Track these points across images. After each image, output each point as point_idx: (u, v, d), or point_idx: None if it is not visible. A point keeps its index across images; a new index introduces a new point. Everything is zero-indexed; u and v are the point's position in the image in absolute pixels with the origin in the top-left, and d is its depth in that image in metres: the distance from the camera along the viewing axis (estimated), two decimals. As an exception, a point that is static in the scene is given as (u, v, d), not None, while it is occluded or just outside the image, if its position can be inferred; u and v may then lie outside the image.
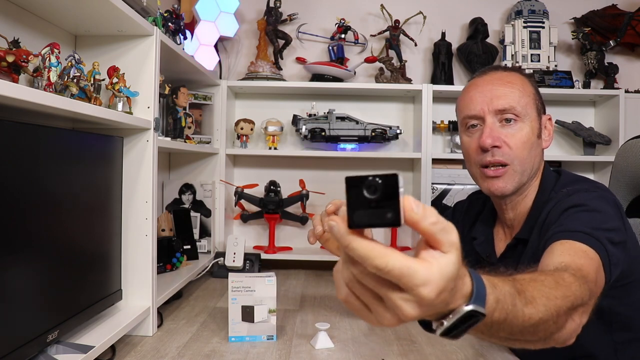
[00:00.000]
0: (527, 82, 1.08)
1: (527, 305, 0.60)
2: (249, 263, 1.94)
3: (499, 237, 1.17)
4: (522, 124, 1.04)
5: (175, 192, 2.03)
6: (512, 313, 0.58)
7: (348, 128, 2.11)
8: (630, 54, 2.31)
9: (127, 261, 1.24)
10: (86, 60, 1.06)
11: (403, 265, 0.43)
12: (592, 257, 0.81)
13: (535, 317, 0.60)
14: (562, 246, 0.84)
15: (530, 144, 1.04)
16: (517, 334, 0.61)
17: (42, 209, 0.89)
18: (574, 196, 0.97)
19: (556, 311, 0.63)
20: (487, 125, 1.05)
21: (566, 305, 0.65)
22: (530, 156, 1.05)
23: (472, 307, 0.51)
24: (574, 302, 0.67)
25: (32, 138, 0.86)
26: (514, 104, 1.04)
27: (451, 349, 1.15)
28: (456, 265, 0.47)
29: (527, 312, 0.59)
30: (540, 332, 0.63)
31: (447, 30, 2.26)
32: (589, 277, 0.74)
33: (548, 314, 0.62)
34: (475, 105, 1.07)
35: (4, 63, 0.79)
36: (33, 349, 0.86)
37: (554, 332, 0.65)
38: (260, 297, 1.17)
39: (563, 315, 0.65)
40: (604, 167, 2.17)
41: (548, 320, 0.62)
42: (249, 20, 2.30)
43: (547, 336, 0.65)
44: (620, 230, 0.91)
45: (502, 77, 1.08)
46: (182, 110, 1.63)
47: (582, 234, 0.85)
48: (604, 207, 0.93)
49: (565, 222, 0.90)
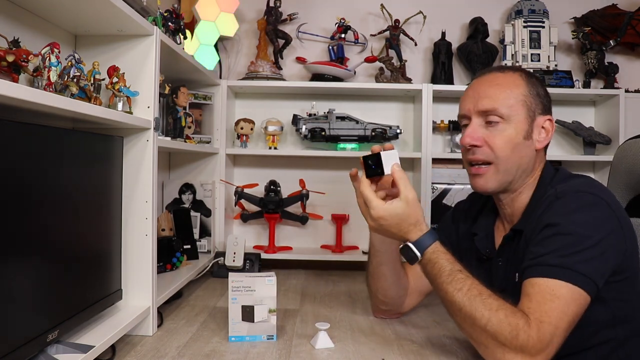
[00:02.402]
0: (522, 84, 1.09)
1: (450, 285, 0.98)
2: (249, 263, 1.94)
3: (499, 232, 1.19)
4: (505, 125, 1.07)
5: (175, 192, 2.03)
6: (438, 277, 1.01)
7: (348, 128, 2.11)
8: (630, 53, 2.31)
9: (127, 261, 1.24)
10: (86, 60, 1.06)
11: (370, 196, 1.06)
12: (560, 295, 0.90)
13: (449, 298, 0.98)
14: (532, 289, 0.93)
15: (514, 144, 1.07)
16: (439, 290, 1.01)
17: (42, 208, 0.89)
18: (559, 203, 0.99)
19: (460, 308, 0.96)
20: (470, 125, 1.10)
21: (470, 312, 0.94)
22: (515, 156, 1.07)
23: (410, 244, 1.05)
24: (481, 322, 0.93)
25: (32, 138, 0.86)
26: (497, 105, 1.06)
27: (451, 349, 1.15)
28: (400, 210, 1.04)
29: (448, 289, 0.98)
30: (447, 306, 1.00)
31: (447, 30, 2.26)
32: (546, 321, 0.88)
33: (458, 303, 0.96)
34: (465, 105, 1.12)
35: (4, 63, 0.79)
36: (33, 349, 0.86)
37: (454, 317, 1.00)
38: (260, 296, 1.17)
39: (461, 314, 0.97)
40: (604, 166, 2.16)
41: (454, 306, 0.98)
42: (249, 20, 2.30)
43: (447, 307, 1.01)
44: (601, 240, 0.94)
45: (493, 78, 1.11)
46: (182, 110, 1.63)
47: (553, 268, 0.92)
48: (582, 221, 0.96)
49: (540, 247, 0.97)
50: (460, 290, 0.96)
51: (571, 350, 0.96)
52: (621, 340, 1.00)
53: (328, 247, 2.21)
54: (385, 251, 1.26)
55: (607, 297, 0.96)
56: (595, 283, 0.92)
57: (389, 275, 1.28)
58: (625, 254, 0.98)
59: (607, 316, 0.99)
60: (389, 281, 1.29)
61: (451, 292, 0.98)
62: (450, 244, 1.30)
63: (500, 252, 1.14)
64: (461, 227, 1.28)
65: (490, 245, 1.18)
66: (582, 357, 1.00)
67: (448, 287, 0.98)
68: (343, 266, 2.10)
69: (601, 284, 0.93)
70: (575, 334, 0.92)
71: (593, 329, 0.98)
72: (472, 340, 0.98)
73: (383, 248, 1.26)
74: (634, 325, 1.02)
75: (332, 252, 2.14)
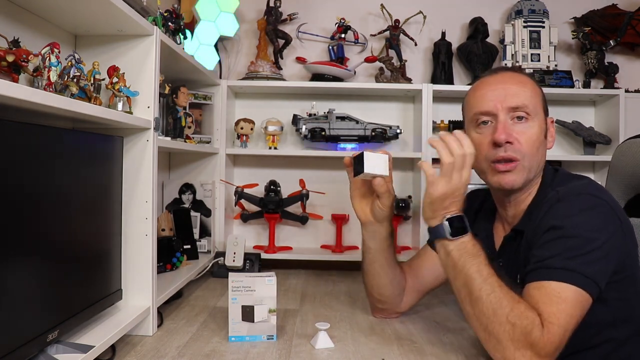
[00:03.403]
0: (535, 84, 1.12)
1: (481, 271, 0.97)
2: (249, 263, 1.94)
3: (499, 233, 1.19)
4: (532, 123, 1.07)
5: (175, 192, 2.03)
6: (464, 267, 0.99)
7: (348, 128, 2.10)
8: (630, 53, 2.31)
9: (127, 261, 1.24)
10: (86, 60, 1.06)
11: (431, 171, 1.11)
12: (566, 298, 0.90)
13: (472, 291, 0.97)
14: (538, 292, 0.93)
15: (539, 142, 1.08)
16: (458, 285, 1.01)
17: (42, 208, 0.89)
18: (561, 206, 0.99)
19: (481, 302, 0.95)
20: (500, 122, 1.07)
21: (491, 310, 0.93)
22: (538, 154, 1.08)
23: (446, 222, 1.03)
24: (500, 312, 0.92)
25: (32, 138, 0.86)
26: (527, 102, 1.07)
27: (451, 349, 1.15)
28: (445, 187, 1.05)
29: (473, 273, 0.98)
30: (462, 296, 1.00)
31: (447, 30, 2.26)
32: (555, 323, 0.89)
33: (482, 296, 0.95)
34: (488, 102, 1.09)
35: (4, 63, 0.79)
36: (33, 349, 0.86)
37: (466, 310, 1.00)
38: (260, 296, 1.17)
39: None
40: (604, 166, 2.16)
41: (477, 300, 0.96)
42: (249, 20, 2.30)
43: (463, 301, 1.00)
44: (605, 242, 0.94)
45: (514, 76, 1.12)
46: (182, 110, 1.63)
47: (558, 270, 0.92)
48: (585, 223, 0.96)
49: (544, 250, 0.97)
50: (493, 276, 0.97)
51: (572, 350, 0.95)
52: (622, 340, 1.01)
53: (328, 247, 2.21)
54: (377, 249, 1.26)
55: (608, 297, 0.97)
56: (598, 285, 0.92)
57: (383, 273, 1.28)
58: (625, 254, 0.99)
59: (608, 316, 0.99)
60: (384, 279, 1.29)
61: (486, 275, 0.97)
62: None
63: (501, 253, 1.14)
64: None
65: (491, 246, 1.18)
66: (583, 357, 1.01)
67: (485, 270, 0.97)
68: (343, 266, 2.10)
69: (603, 285, 0.93)
70: (577, 334, 0.92)
71: (594, 329, 0.99)
72: (485, 333, 0.95)
73: (374, 245, 1.26)
74: (635, 325, 1.02)
75: (332, 252, 2.14)
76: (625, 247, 0.98)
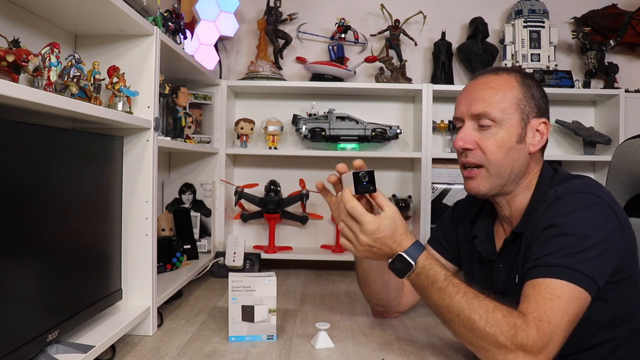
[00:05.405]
0: (515, 86, 1.08)
1: (447, 289, 0.97)
2: (249, 263, 1.94)
3: (499, 234, 1.18)
4: (497, 129, 1.06)
5: (175, 192, 2.03)
6: (434, 284, 0.98)
7: (348, 128, 2.11)
8: (630, 53, 2.31)
9: (127, 261, 1.24)
10: (86, 60, 1.06)
11: (362, 211, 1.02)
12: (560, 295, 0.90)
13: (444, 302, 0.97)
14: (533, 289, 0.93)
15: (507, 148, 1.06)
16: (431, 304, 1.01)
17: (42, 208, 0.89)
18: (560, 204, 1.00)
19: (457, 313, 0.94)
20: (462, 128, 1.10)
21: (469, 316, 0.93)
22: (507, 160, 1.07)
23: (403, 254, 1.01)
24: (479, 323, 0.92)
25: (32, 138, 0.86)
26: (489, 109, 1.06)
27: (451, 349, 1.15)
28: (390, 221, 1.01)
29: (441, 294, 0.97)
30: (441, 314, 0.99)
31: (447, 29, 2.26)
32: (546, 320, 0.89)
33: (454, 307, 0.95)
34: (459, 107, 1.12)
35: (4, 63, 0.79)
36: (33, 349, 0.86)
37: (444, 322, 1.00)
38: (260, 296, 1.17)
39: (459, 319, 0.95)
40: (604, 166, 2.16)
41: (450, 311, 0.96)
42: (249, 20, 2.30)
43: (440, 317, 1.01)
44: (602, 241, 0.94)
45: (487, 81, 1.10)
46: (182, 110, 1.63)
47: (554, 268, 0.93)
48: (583, 221, 0.96)
49: (541, 248, 0.97)
50: (457, 293, 0.95)
51: (572, 350, 0.96)
52: (622, 340, 1.01)
53: (328, 247, 2.21)
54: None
55: (608, 297, 0.97)
56: (596, 282, 0.92)
57: (378, 280, 1.26)
58: (624, 253, 0.99)
59: (608, 316, 0.99)
60: (379, 286, 1.28)
61: (449, 296, 0.96)
62: (450, 245, 1.30)
63: (502, 255, 1.13)
64: (460, 228, 1.28)
65: (491, 247, 1.17)
66: (583, 356, 1.01)
67: (445, 292, 0.97)
68: (343, 266, 2.10)
69: (602, 284, 0.93)
70: (576, 334, 0.92)
71: (594, 329, 0.99)
72: (472, 347, 0.96)
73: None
74: (635, 325, 1.03)
75: (332, 252, 2.14)
76: (624, 247, 0.98)
